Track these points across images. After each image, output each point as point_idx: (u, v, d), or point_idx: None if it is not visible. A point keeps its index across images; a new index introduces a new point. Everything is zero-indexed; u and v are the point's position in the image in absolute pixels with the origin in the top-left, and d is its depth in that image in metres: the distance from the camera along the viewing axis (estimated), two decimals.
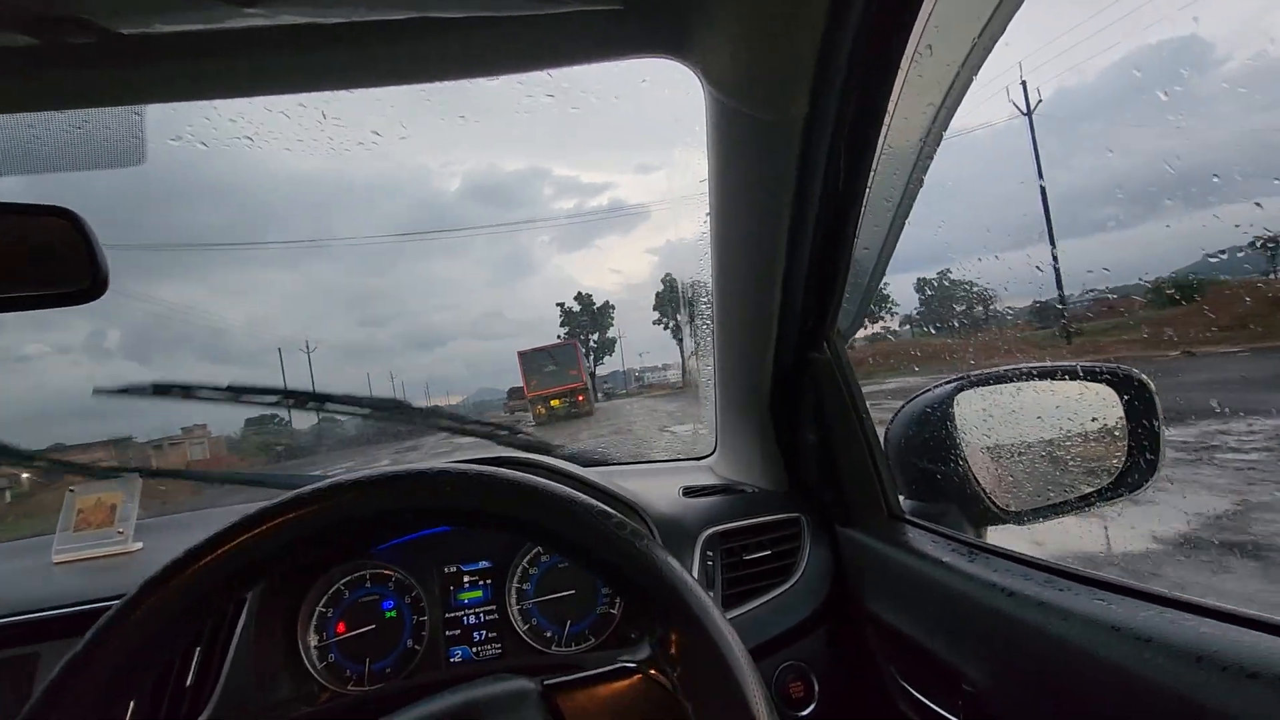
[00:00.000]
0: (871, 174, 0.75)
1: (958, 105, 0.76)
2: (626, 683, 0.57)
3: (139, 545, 1.06)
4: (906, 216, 0.86)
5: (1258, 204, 0.65)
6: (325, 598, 0.95)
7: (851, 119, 0.68)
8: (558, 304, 49.78)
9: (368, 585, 0.98)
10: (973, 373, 0.99)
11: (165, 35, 0.57)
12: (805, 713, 0.90)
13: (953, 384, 0.98)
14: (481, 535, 1.02)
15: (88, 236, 0.69)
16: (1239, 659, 0.46)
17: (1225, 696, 0.45)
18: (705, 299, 1.05)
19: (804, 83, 0.63)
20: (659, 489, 1.13)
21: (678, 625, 0.47)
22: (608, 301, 50.64)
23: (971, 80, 0.67)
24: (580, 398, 21.80)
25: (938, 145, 0.82)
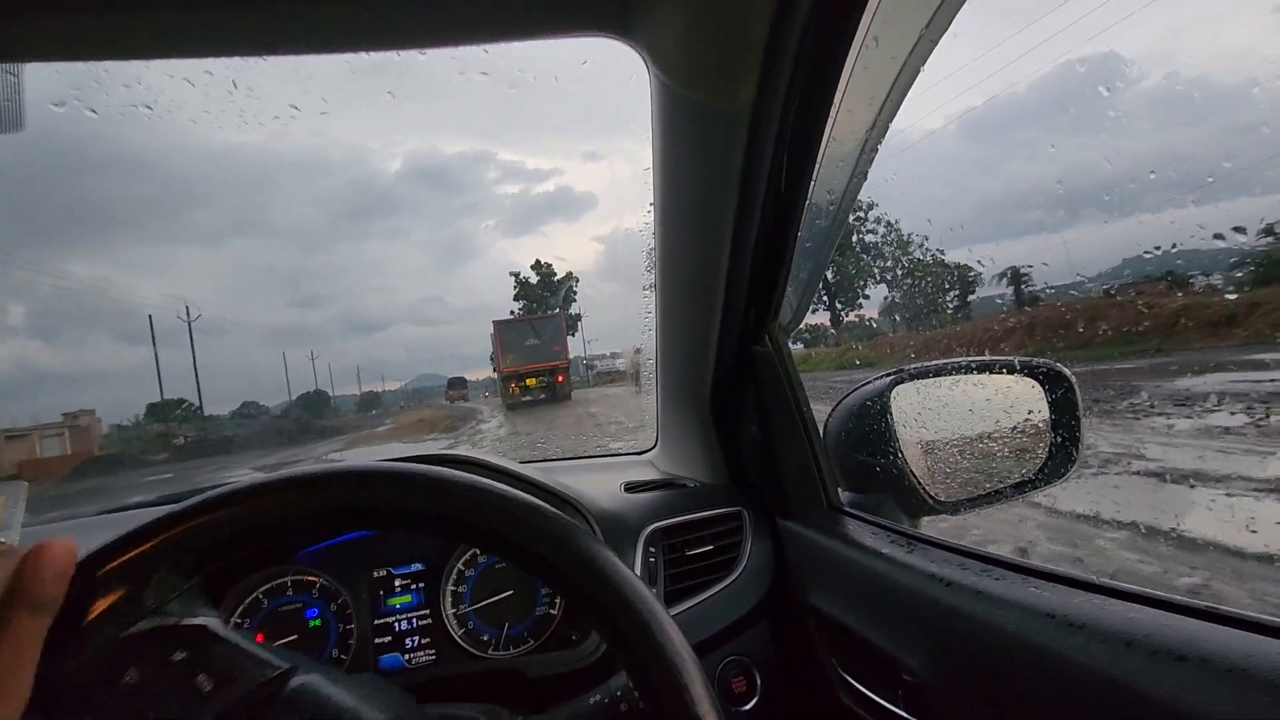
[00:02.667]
0: (817, 166, 0.75)
1: (902, 100, 0.76)
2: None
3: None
4: (850, 211, 0.86)
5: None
6: (242, 607, 0.89)
7: (798, 108, 0.67)
8: (512, 273, 44.52)
9: (289, 593, 0.91)
10: (909, 366, 1.01)
11: None
12: (748, 707, 0.89)
13: (889, 377, 1.00)
14: (413, 537, 0.97)
15: None
16: (1166, 643, 0.47)
17: (1154, 679, 0.46)
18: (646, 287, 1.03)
19: (752, 69, 0.62)
20: (599, 485, 1.11)
21: (628, 634, 0.45)
22: (570, 273, 44.13)
23: (918, 73, 0.67)
24: (560, 378, 19.63)
25: (881, 139, 0.82)
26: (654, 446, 1.35)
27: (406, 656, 0.91)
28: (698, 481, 1.15)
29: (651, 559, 0.95)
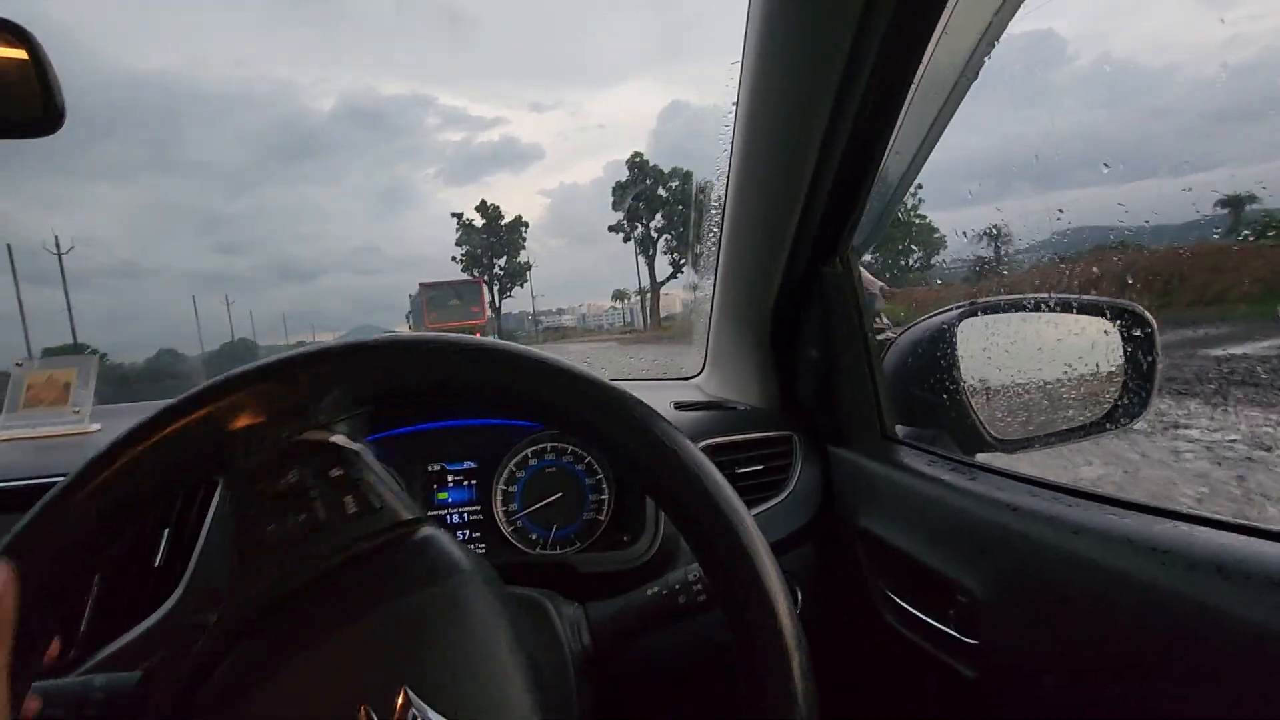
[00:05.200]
0: (919, 73, 0.70)
1: (1001, 33, 0.72)
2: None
3: (97, 427, 0.99)
4: (944, 129, 0.82)
5: None
6: None
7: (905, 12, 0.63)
8: (454, 214, 39.64)
9: None
10: (980, 300, 0.97)
11: None
12: None
13: (959, 310, 0.97)
14: (466, 436, 0.99)
15: (43, 62, 0.61)
16: (1265, 569, 0.46)
17: (1250, 605, 0.45)
18: (716, 205, 0.99)
19: None
20: (649, 402, 1.11)
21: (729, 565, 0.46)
22: (520, 217, 39.21)
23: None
24: (478, 335, 22.39)
25: (982, 64, 0.77)
26: (700, 372, 1.35)
27: None
28: (748, 405, 1.14)
29: None
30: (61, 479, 0.40)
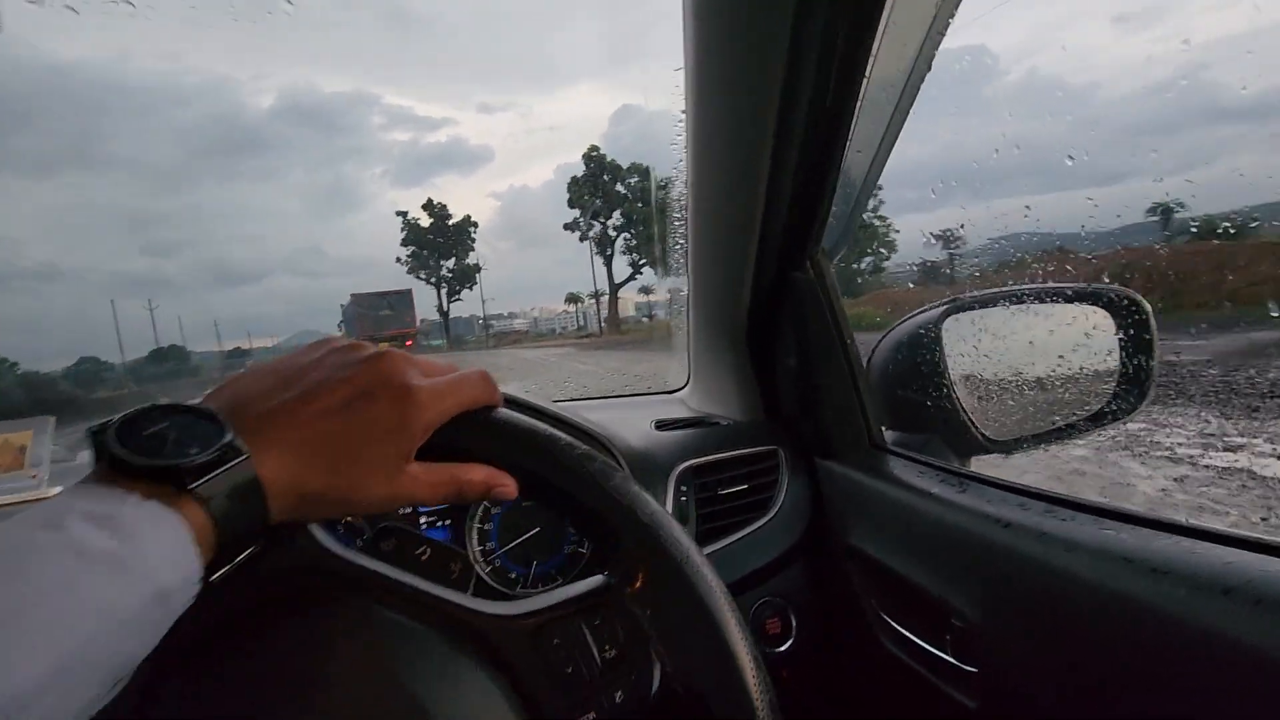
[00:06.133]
0: (864, 82, 0.67)
1: (949, 21, 0.68)
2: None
3: (57, 489, 0.96)
4: (902, 124, 0.78)
5: None
6: None
7: (846, 16, 0.59)
8: (399, 213, 37.75)
9: None
10: (963, 295, 0.93)
11: None
12: (783, 649, 0.87)
13: (941, 307, 0.92)
14: None
15: None
16: (1274, 590, 0.41)
17: (1260, 629, 0.40)
18: (679, 214, 0.96)
19: None
20: (630, 422, 1.07)
21: (648, 563, 0.41)
22: (469, 216, 36.89)
23: None
24: (408, 342, 23.60)
25: (929, 65, 0.73)
26: (685, 384, 1.31)
27: None
28: (731, 419, 1.10)
29: (683, 498, 0.91)
30: None
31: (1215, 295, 1.06)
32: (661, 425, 1.08)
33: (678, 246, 1.02)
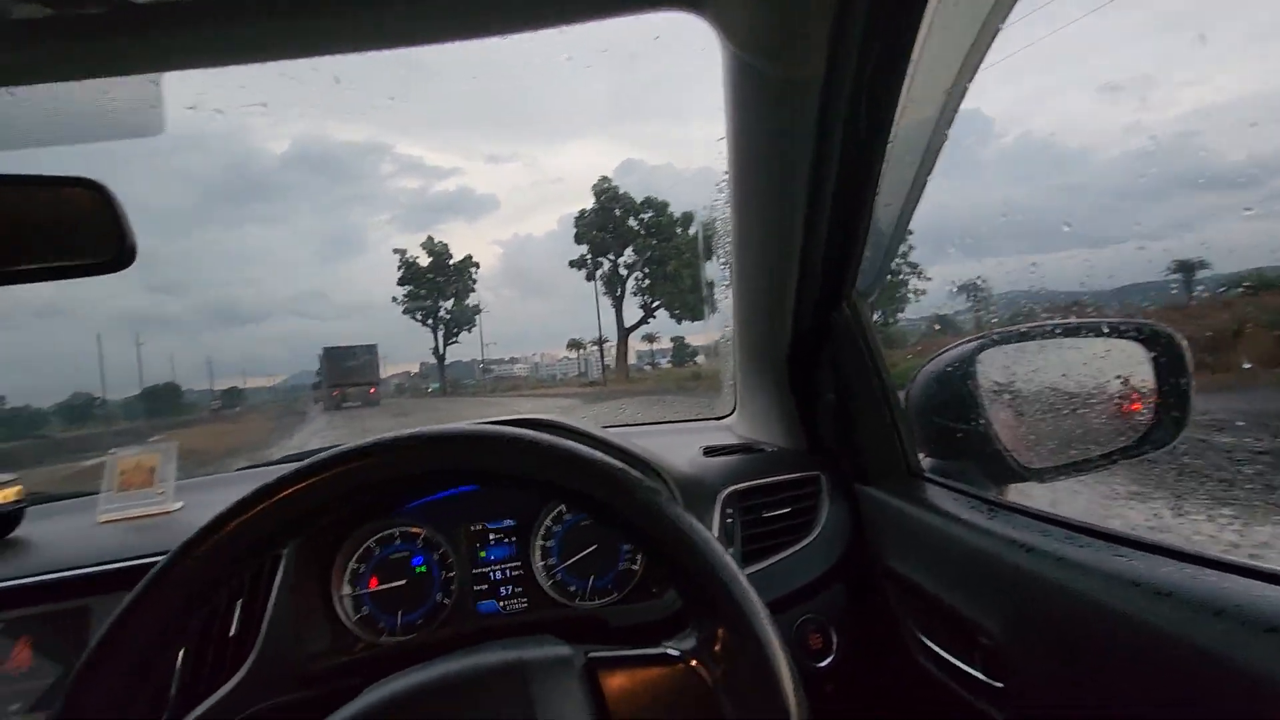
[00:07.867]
0: (892, 134, 0.74)
1: (983, 55, 0.74)
2: (668, 670, 0.54)
3: (179, 505, 1.10)
4: (929, 173, 0.84)
5: None
6: (357, 554, 0.98)
7: (872, 72, 0.66)
8: (396, 251, 36.28)
9: (397, 543, 1.00)
10: (996, 331, 0.97)
11: (181, 1, 0.57)
12: (824, 664, 0.92)
13: (975, 343, 0.97)
14: (506, 495, 1.04)
15: (114, 206, 0.71)
16: (1260, 613, 0.46)
17: (1244, 648, 0.45)
18: (722, 259, 1.04)
19: (822, 37, 0.61)
20: (679, 448, 1.14)
21: (724, 623, 0.49)
22: (470, 256, 35.04)
23: (997, 30, 0.64)
24: (372, 390, 26.78)
25: (961, 100, 0.79)
26: (733, 412, 1.38)
27: (502, 604, 0.99)
28: (775, 446, 1.16)
29: (729, 520, 0.98)
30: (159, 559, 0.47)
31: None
32: (709, 451, 1.15)
33: (721, 286, 1.10)
